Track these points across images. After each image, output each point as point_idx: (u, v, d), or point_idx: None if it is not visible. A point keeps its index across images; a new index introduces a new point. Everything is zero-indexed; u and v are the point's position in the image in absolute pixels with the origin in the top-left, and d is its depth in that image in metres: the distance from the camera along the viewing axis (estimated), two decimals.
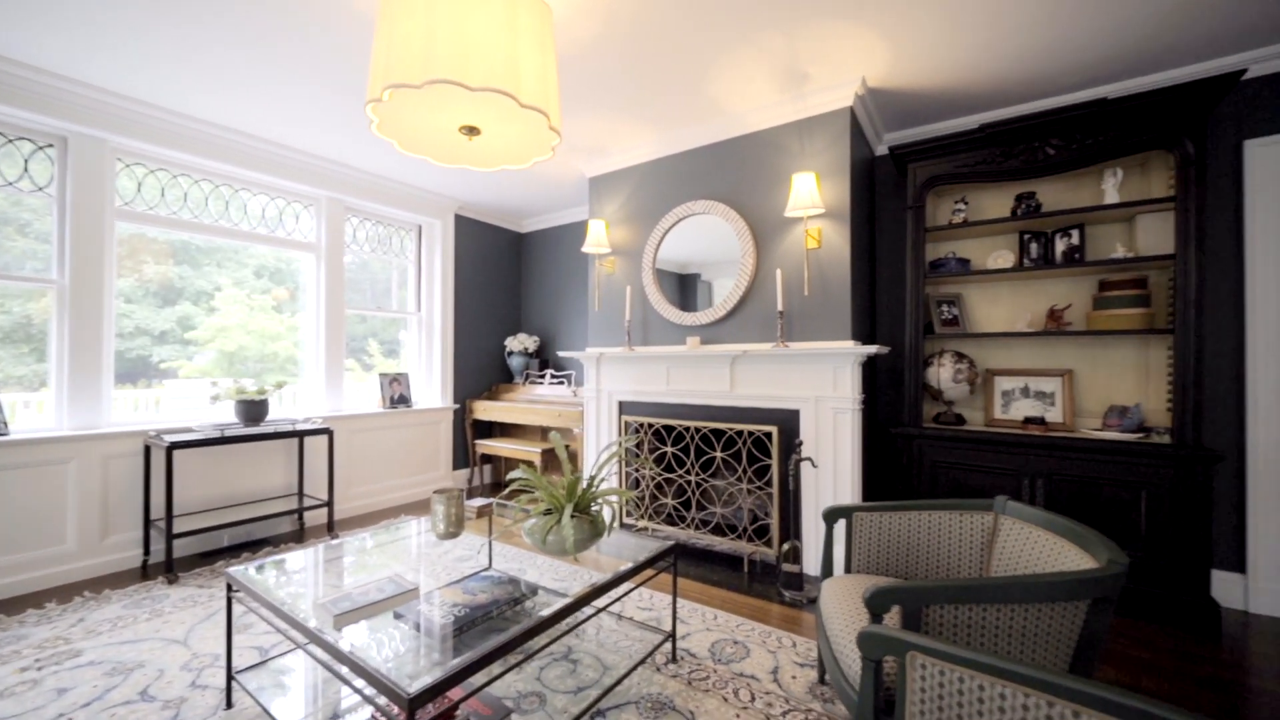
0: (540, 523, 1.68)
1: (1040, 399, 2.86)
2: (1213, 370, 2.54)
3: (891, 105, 3.01)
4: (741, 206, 3.17)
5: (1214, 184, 2.55)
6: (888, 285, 3.42)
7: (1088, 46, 2.41)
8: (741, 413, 3.13)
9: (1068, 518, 1.41)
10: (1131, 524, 2.39)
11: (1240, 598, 2.46)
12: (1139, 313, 2.54)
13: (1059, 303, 2.85)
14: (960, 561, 1.64)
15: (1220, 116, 2.52)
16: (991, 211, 3.02)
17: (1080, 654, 1.16)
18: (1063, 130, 2.57)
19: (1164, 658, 2.07)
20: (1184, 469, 2.27)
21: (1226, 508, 2.51)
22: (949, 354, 2.99)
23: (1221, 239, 2.53)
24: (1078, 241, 2.71)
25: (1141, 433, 2.52)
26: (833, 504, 2.77)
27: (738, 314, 3.19)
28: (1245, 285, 2.47)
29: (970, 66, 2.59)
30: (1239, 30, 2.28)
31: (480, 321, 5.16)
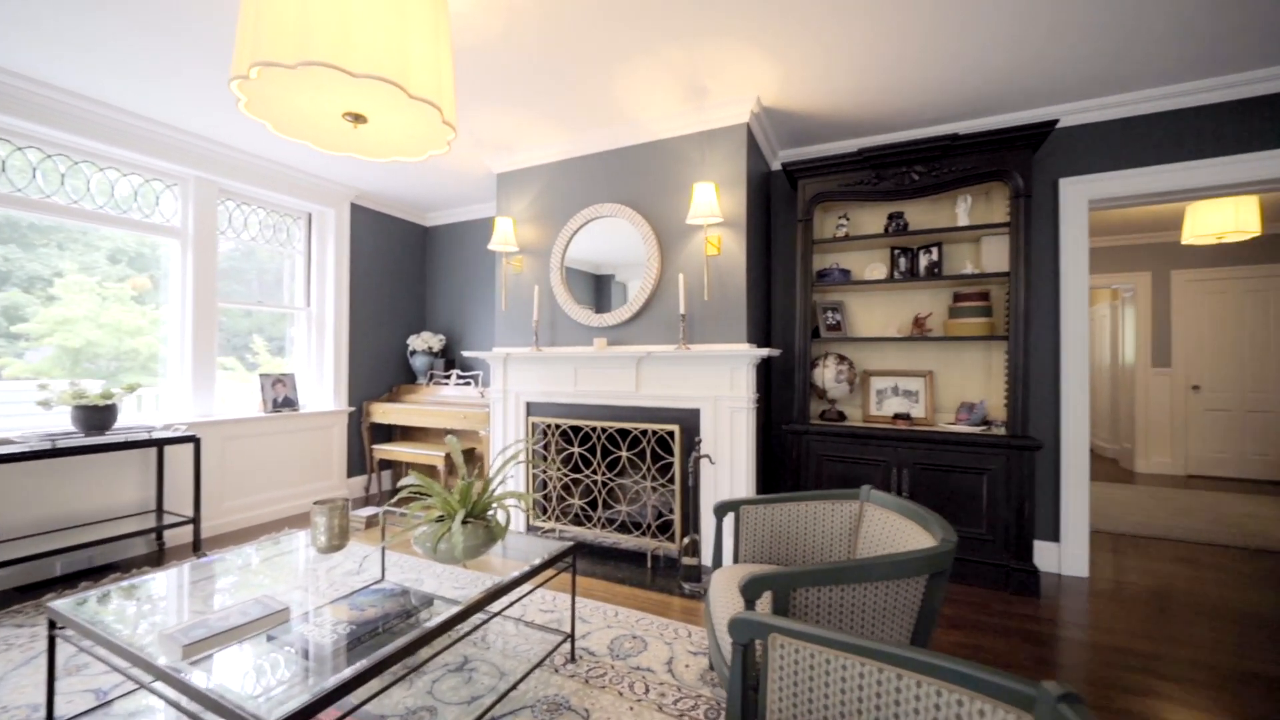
0: (431, 530, 1.64)
1: (907, 397, 3.22)
2: (1038, 372, 2.99)
3: (785, 124, 3.23)
4: (647, 211, 3.25)
5: (1039, 213, 3.00)
6: (782, 292, 3.67)
7: (942, 90, 2.74)
8: (646, 412, 3.22)
9: (916, 502, 1.62)
10: (976, 505, 2.76)
11: (1056, 563, 2.93)
12: (983, 322, 2.94)
13: (922, 311, 3.22)
14: (832, 546, 1.82)
15: (1043, 157, 2.97)
16: (868, 227, 3.34)
17: (921, 621, 1.34)
18: (924, 159, 2.90)
19: (996, 618, 2.41)
20: (1014, 456, 2.66)
21: (1047, 488, 2.97)
22: (833, 356, 3.27)
23: (1044, 260, 2.99)
24: (937, 258, 3.07)
25: (985, 425, 2.91)
26: (729, 498, 2.94)
27: (643, 316, 3.27)
28: (1061, 300, 2.94)
29: (850, 96, 2.85)
30: (1052, 88, 2.70)
31: (380, 319, 4.87)
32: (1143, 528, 3.75)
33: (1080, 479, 2.90)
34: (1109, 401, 6.58)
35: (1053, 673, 1.98)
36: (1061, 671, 1.99)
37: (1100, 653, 2.14)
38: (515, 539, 2.26)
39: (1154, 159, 2.80)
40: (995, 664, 2.03)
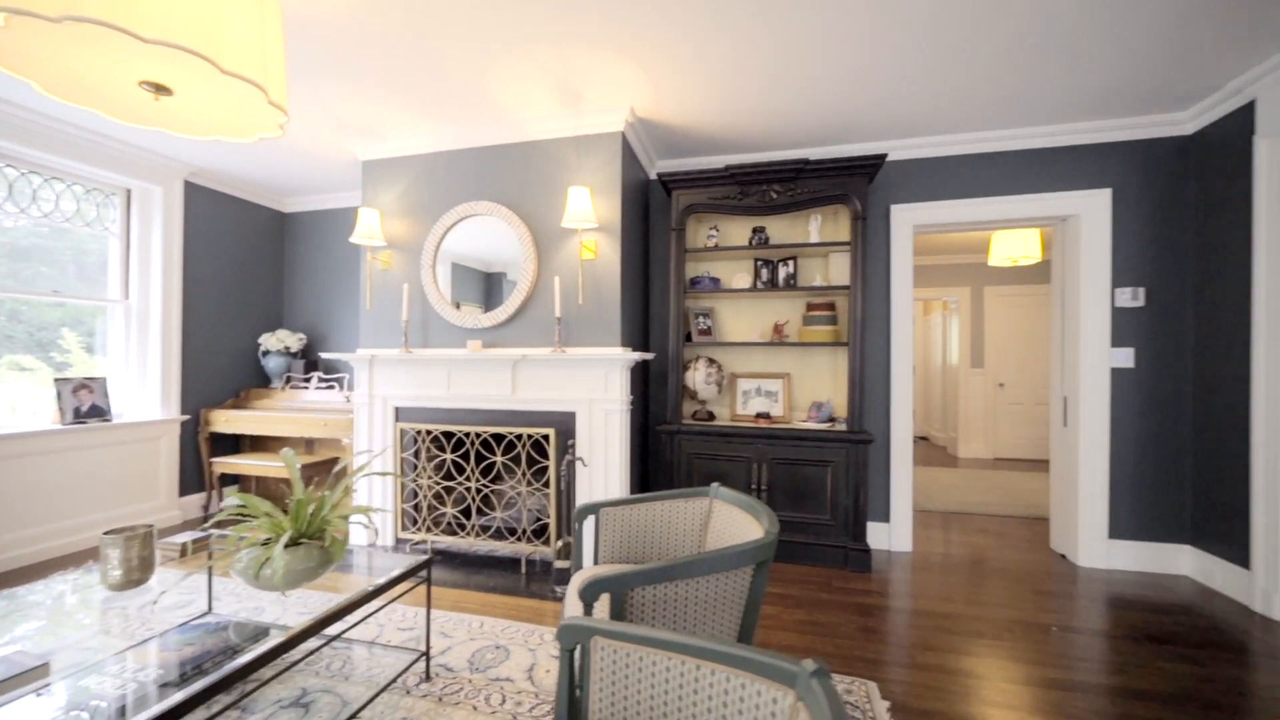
0: (254, 556, 1.49)
1: (768, 397, 3.49)
2: (873, 374, 3.40)
3: (661, 136, 3.35)
4: (524, 212, 3.20)
5: (874, 234, 3.40)
6: (660, 297, 3.81)
7: (796, 119, 3.01)
8: (522, 416, 3.18)
9: (752, 496, 1.77)
10: (822, 493, 3.07)
11: (887, 541, 3.35)
12: (830, 329, 3.27)
13: (781, 319, 3.51)
14: (685, 542, 1.93)
15: (879, 185, 3.38)
16: (736, 239, 3.58)
17: (749, 608, 1.46)
18: (781, 179, 3.17)
19: (835, 594, 2.71)
20: (852, 449, 3.00)
21: (880, 475, 3.39)
22: (703, 359, 3.46)
23: (878, 275, 3.40)
24: (793, 270, 3.37)
25: (831, 422, 3.25)
26: (596, 500, 3.00)
27: (520, 318, 3.22)
28: (891, 311, 3.36)
29: (717, 115, 3.03)
30: (887, 127, 3.08)
31: (226, 314, 4.30)
32: (959, 505, 4.41)
33: (905, 467, 3.34)
34: (940, 397, 7.64)
35: (876, 637, 2.27)
36: (879, 634, 2.28)
37: (914, 616, 2.48)
38: (365, 556, 2.12)
39: (965, 193, 3.29)
40: (828, 635, 2.28)
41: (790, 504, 3.12)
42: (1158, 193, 3.01)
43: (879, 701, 1.81)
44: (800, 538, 3.10)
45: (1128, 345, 3.04)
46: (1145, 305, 3.02)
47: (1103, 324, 3.05)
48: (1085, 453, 3.08)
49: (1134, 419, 3.04)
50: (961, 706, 1.81)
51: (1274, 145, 2.45)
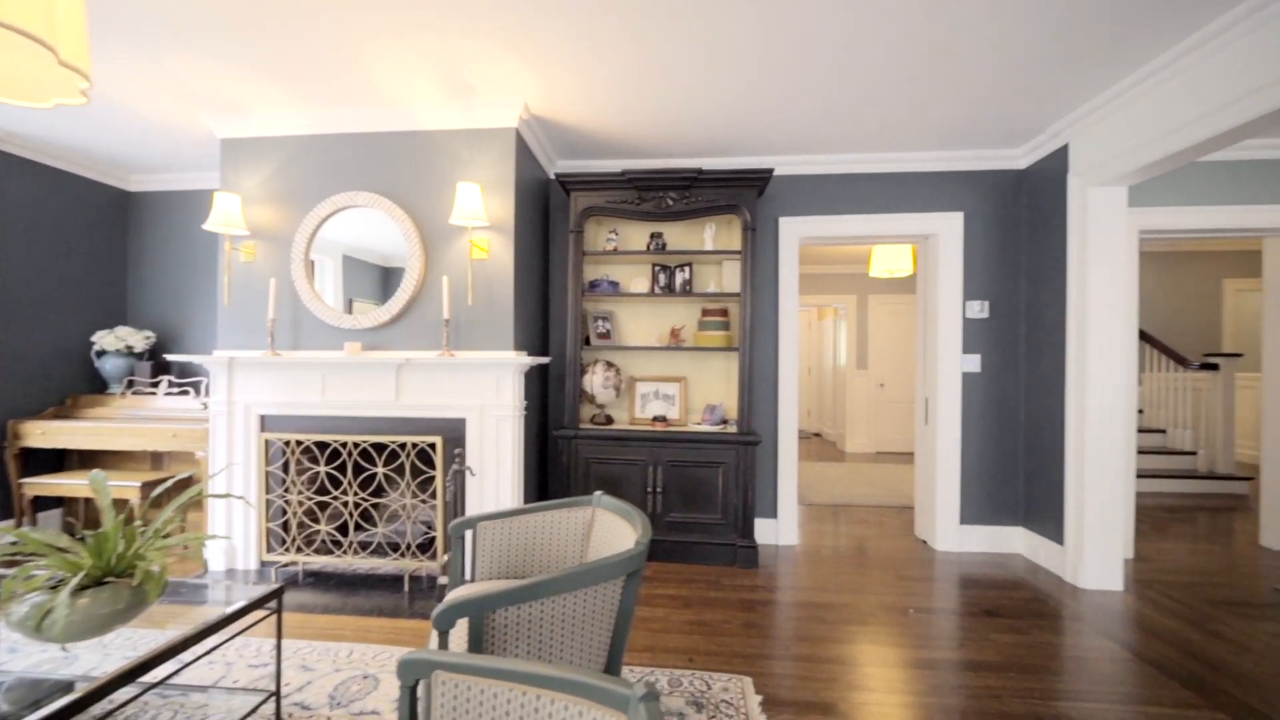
0: (38, 604, 1.25)
1: (666, 400, 3.55)
2: (763, 377, 3.57)
3: (559, 136, 3.29)
4: (410, 206, 3.01)
5: (764, 244, 3.57)
6: (559, 300, 3.74)
7: (691, 129, 3.08)
8: (407, 424, 2.98)
9: (629, 502, 1.77)
10: (713, 494, 3.17)
11: (775, 536, 3.53)
12: (724, 334, 3.39)
13: (678, 323, 3.58)
14: (566, 554, 1.90)
15: (770, 197, 3.55)
16: (635, 243, 3.60)
17: (620, 623, 1.45)
18: (677, 187, 3.23)
19: (724, 591, 2.80)
20: (741, 450, 3.12)
21: (768, 473, 3.56)
22: (601, 363, 3.44)
23: (768, 283, 3.57)
24: (689, 276, 3.45)
25: (724, 424, 3.37)
26: (494, 509, 2.89)
27: (405, 319, 3.02)
28: (779, 317, 3.54)
29: (614, 120, 3.02)
30: (775, 143, 3.24)
31: (47, 307, 3.65)
32: (843, 498, 4.75)
33: (791, 465, 3.54)
34: (831, 396, 8.23)
35: (756, 632, 2.37)
36: (760, 629, 2.39)
37: (793, 608, 2.62)
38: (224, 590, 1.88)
39: (845, 209, 3.54)
40: (713, 634, 2.34)
41: (684, 505, 3.19)
42: (999, 217, 3.43)
43: (752, 697, 1.88)
44: (693, 537, 3.17)
45: (976, 352, 3.43)
46: (989, 317, 3.42)
47: (956, 332, 3.42)
48: (942, 448, 3.43)
49: (981, 418, 3.43)
50: (827, 694, 1.93)
51: (1081, 183, 2.86)
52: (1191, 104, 2.25)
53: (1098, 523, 2.83)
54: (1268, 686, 1.98)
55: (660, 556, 3.19)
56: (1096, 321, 2.83)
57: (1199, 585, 2.89)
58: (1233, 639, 2.32)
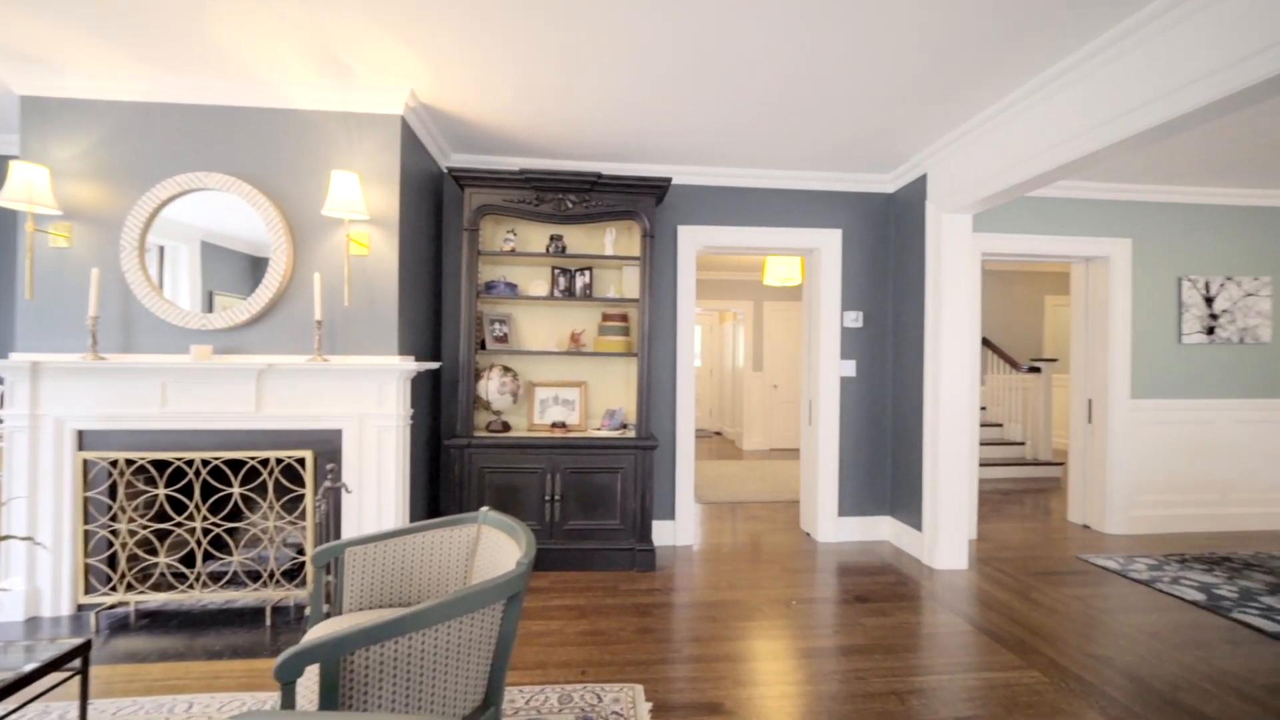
0: None
1: (566, 406, 3.49)
2: (661, 381, 3.63)
3: (453, 128, 3.11)
4: (275, 192, 2.69)
5: (663, 251, 3.64)
6: (452, 301, 3.54)
7: (590, 133, 3.05)
8: (271, 437, 2.66)
9: (512, 516, 1.70)
10: (612, 499, 3.17)
11: (673, 537, 3.61)
12: (624, 339, 3.40)
13: (578, 328, 3.54)
14: (449, 577, 1.78)
15: (668, 205, 3.62)
16: (534, 245, 3.50)
17: (500, 649, 1.38)
18: (576, 190, 3.18)
19: (620, 597, 2.80)
20: (639, 455, 3.15)
21: (667, 475, 3.64)
22: (498, 368, 3.31)
23: (667, 290, 3.65)
24: (589, 280, 3.42)
25: (623, 429, 3.38)
26: (375, 529, 2.67)
27: (271, 319, 2.70)
28: (678, 323, 3.63)
29: (511, 117, 2.91)
30: (672, 151, 3.30)
31: None
32: (739, 495, 4.98)
33: (688, 467, 3.64)
34: (731, 397, 8.61)
35: (650, 636, 2.39)
36: (654, 633, 2.41)
37: (687, 608, 2.69)
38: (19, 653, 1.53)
39: (740, 221, 3.70)
40: (607, 643, 2.33)
41: (583, 512, 3.16)
42: (872, 236, 3.77)
43: (643, 704, 1.89)
44: (592, 544, 3.15)
45: (852, 358, 3.74)
46: (863, 326, 3.75)
47: (835, 340, 3.71)
48: (823, 446, 3.71)
49: (856, 418, 3.75)
50: (714, 693, 1.99)
51: (937, 209, 3.22)
52: (1022, 146, 2.61)
53: (948, 509, 3.20)
54: (1067, 642, 2.35)
55: (559, 565, 3.13)
56: (948, 331, 3.20)
57: (1023, 559, 3.37)
58: (1046, 604, 2.74)
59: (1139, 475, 3.90)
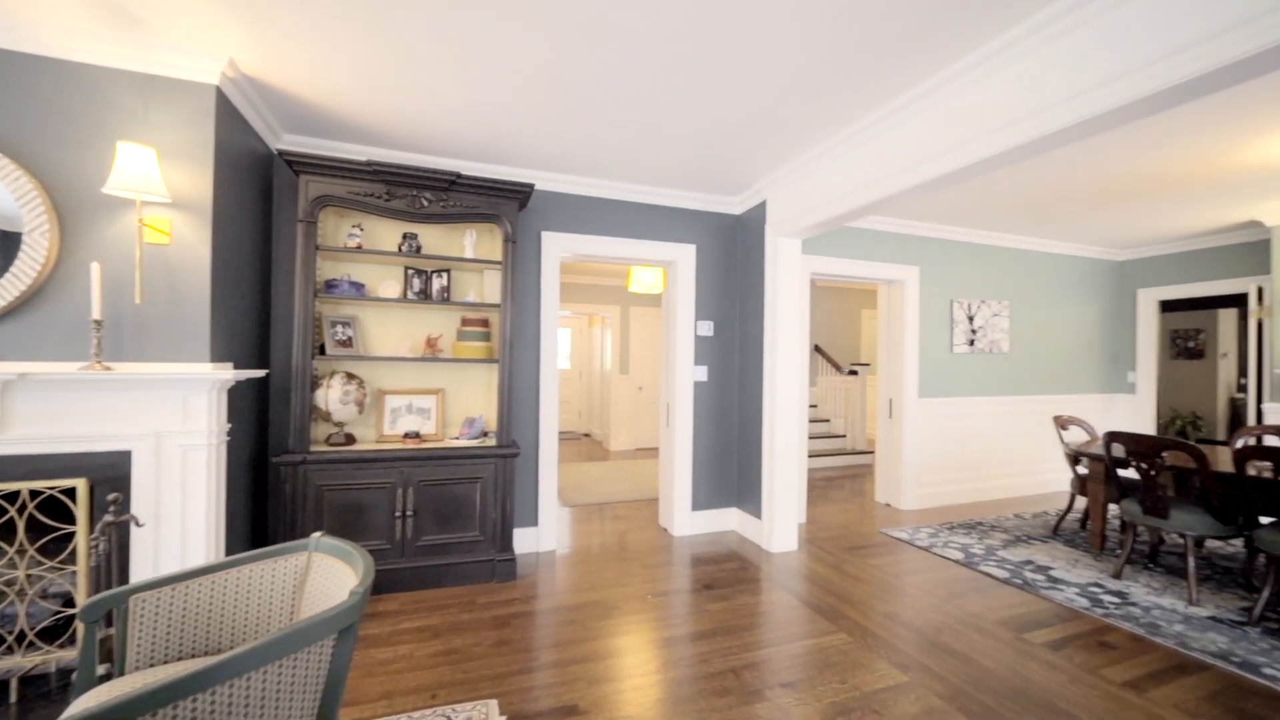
0: None
1: (420, 415, 3.30)
2: (524, 386, 3.60)
3: (286, 106, 2.76)
4: (30, 159, 2.16)
5: (527, 256, 3.61)
6: (285, 301, 3.15)
7: (448, 129, 2.92)
8: (22, 464, 2.13)
9: (352, 541, 1.58)
10: (471, 510, 3.07)
11: (535, 543, 3.60)
12: (485, 345, 3.30)
13: (435, 332, 3.37)
14: (271, 616, 1.60)
15: (533, 210, 3.61)
16: (384, 243, 3.26)
17: (330, 689, 1.28)
18: (433, 188, 3.03)
19: (478, 611, 2.73)
20: (500, 463, 3.09)
21: (530, 481, 3.62)
22: (340, 375, 3.01)
23: (530, 295, 3.63)
24: (447, 283, 3.27)
25: (484, 437, 3.29)
26: (179, 569, 2.28)
27: (24, 317, 2.17)
28: (541, 328, 3.63)
29: (357, 103, 2.67)
30: (535, 158, 3.30)
31: None
32: (605, 496, 5.10)
33: (551, 472, 3.65)
34: (599, 399, 8.78)
35: (508, 648, 2.36)
36: (512, 644, 2.40)
37: (548, 614, 2.70)
38: None
39: (604, 230, 3.80)
40: (461, 660, 2.26)
41: (439, 525, 3.01)
42: (722, 252, 4.12)
43: (497, 718, 1.88)
44: (449, 558, 3.02)
45: (704, 364, 4.06)
46: (715, 335, 4.09)
47: (690, 347, 3.99)
48: (678, 446, 3.97)
49: (707, 419, 4.08)
50: (570, 695, 2.04)
51: (774, 233, 3.64)
52: (840, 184, 3.06)
53: (782, 498, 3.63)
54: (868, 605, 2.82)
55: (412, 585, 2.95)
56: (783, 341, 3.63)
57: (840, 536, 3.94)
58: (854, 574, 3.24)
59: (924, 460, 4.78)
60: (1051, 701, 2.02)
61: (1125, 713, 1.96)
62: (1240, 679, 2.17)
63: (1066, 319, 5.51)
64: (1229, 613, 2.75)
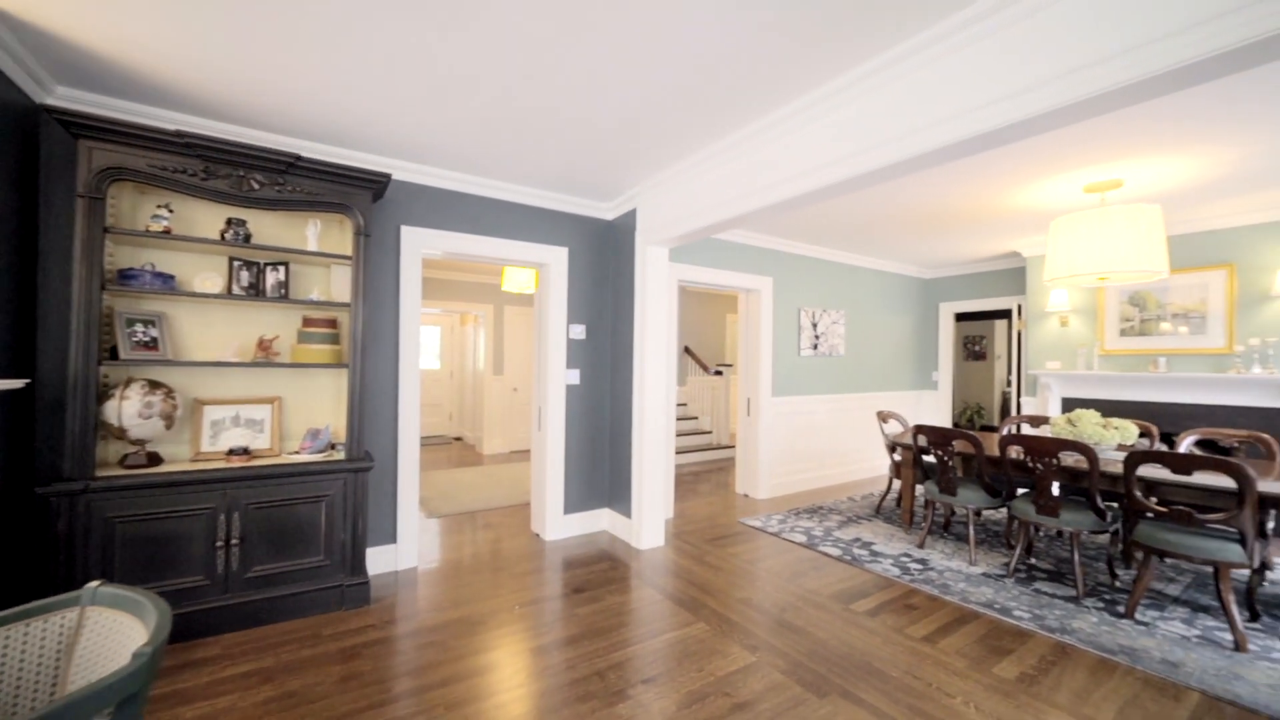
0: None
1: (251, 427, 2.89)
2: (380, 393, 3.32)
3: (62, 53, 2.23)
4: None
5: (384, 251, 3.33)
6: (59, 292, 2.56)
7: (282, 102, 2.58)
8: None
9: (139, 588, 1.33)
10: (316, 533, 2.76)
11: (394, 562, 3.35)
12: (331, 348, 2.98)
13: (270, 333, 2.97)
14: (22, 694, 1.29)
15: (391, 202, 3.33)
16: (202, 229, 2.80)
17: None
18: (266, 169, 2.66)
19: (323, 644, 2.47)
20: (350, 478, 2.82)
21: (387, 496, 3.35)
22: (140, 384, 2.53)
23: (388, 293, 3.35)
24: (285, 278, 2.90)
25: (330, 450, 2.97)
26: None
27: None
28: (400, 330, 3.37)
29: (162, 56, 2.25)
30: (394, 146, 3.05)
31: None
32: (475, 503, 4.89)
33: (412, 484, 3.42)
34: (472, 401, 8.39)
35: (356, 683, 2.17)
36: (361, 677, 2.20)
37: (407, 638, 2.53)
38: None
39: (472, 229, 3.63)
40: (299, 704, 2.03)
41: (274, 553, 2.67)
42: (595, 256, 4.17)
43: None
44: (287, 589, 2.68)
45: (576, 367, 4.07)
46: (586, 338, 4.13)
47: (562, 350, 3.98)
48: (550, 450, 3.94)
49: (579, 422, 4.10)
50: None
51: (643, 240, 3.77)
52: (703, 199, 3.24)
53: (650, 496, 3.78)
54: (725, 592, 3.05)
55: (240, 624, 2.57)
56: (651, 344, 3.78)
57: (704, 529, 4.22)
58: (714, 564, 3.49)
59: (776, 453, 5.28)
60: (869, 662, 2.36)
61: (922, 663, 2.36)
62: (1001, 622, 2.73)
63: (888, 327, 6.44)
64: (995, 569, 3.43)
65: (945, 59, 2.00)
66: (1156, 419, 4.62)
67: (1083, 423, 3.35)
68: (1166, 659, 2.39)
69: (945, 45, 1.99)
